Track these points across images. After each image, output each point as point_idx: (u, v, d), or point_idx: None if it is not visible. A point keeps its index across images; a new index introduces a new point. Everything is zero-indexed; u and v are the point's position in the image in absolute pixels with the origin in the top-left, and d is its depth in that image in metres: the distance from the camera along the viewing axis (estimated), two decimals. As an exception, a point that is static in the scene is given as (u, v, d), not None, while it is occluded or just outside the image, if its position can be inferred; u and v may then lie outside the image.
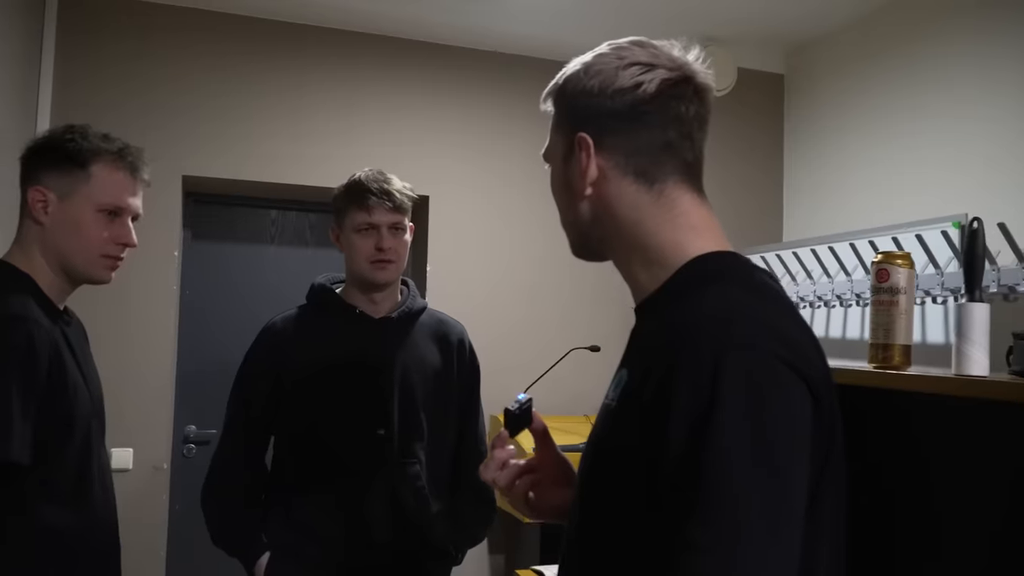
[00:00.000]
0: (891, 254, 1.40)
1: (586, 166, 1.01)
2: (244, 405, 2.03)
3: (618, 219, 1.02)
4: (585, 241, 1.08)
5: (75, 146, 1.56)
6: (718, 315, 0.88)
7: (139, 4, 3.26)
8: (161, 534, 3.24)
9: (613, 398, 0.98)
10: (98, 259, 1.58)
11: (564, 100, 1.05)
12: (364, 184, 1.99)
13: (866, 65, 3.43)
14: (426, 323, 2.11)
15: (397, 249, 2.00)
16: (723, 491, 0.79)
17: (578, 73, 1.04)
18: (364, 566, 1.96)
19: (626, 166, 1.00)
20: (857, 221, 3.32)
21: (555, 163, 1.08)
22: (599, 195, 1.02)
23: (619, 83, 1.00)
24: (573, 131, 1.02)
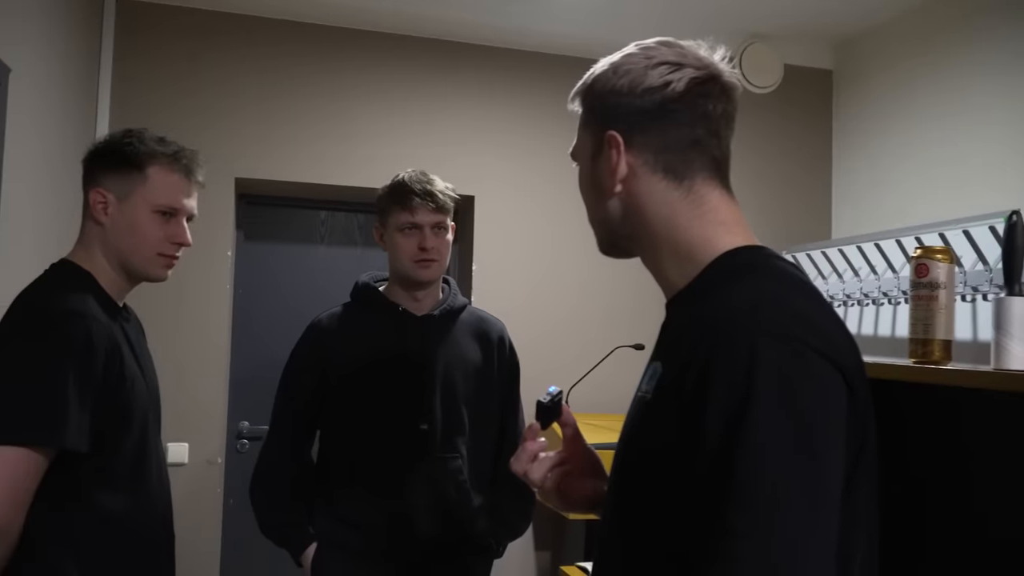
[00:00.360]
0: (930, 248, 1.39)
1: (616, 163, 1.02)
2: (290, 400, 2.09)
3: (647, 215, 1.03)
4: (613, 238, 1.09)
5: (132, 149, 1.62)
6: (750, 306, 0.89)
7: (192, 10, 3.36)
8: (215, 527, 3.33)
9: (648, 390, 0.99)
10: (154, 258, 1.64)
11: (593, 99, 1.07)
12: (407, 185, 2.03)
13: (917, 58, 3.38)
14: (467, 320, 2.15)
15: (439, 248, 2.04)
16: (760, 478, 0.80)
17: (607, 73, 1.06)
18: (407, 558, 2.00)
19: (655, 163, 1.02)
20: (907, 218, 3.28)
21: (583, 161, 1.09)
22: (628, 192, 1.03)
23: (648, 82, 1.02)
24: (602, 129, 1.04)
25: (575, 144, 1.11)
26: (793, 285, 0.96)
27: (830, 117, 3.94)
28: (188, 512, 3.13)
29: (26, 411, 1.40)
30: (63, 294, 1.53)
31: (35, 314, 1.50)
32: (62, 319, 1.47)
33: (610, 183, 1.04)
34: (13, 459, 1.37)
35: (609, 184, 1.04)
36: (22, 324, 1.48)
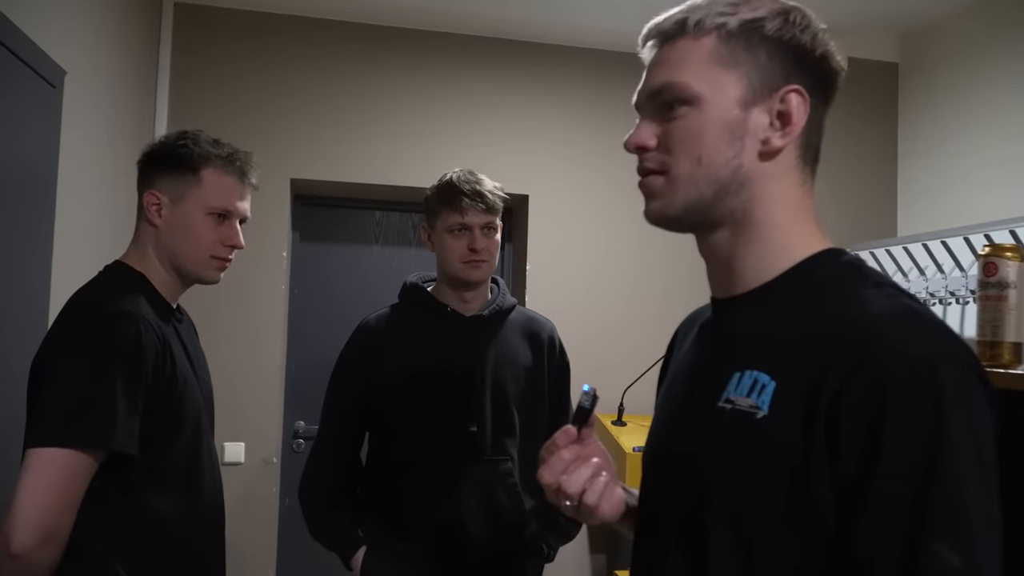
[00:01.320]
0: (1000, 246, 1.32)
1: (796, 124, 0.91)
2: (338, 402, 2.08)
3: (772, 193, 0.93)
4: (715, 205, 0.94)
5: (187, 151, 1.62)
6: (909, 321, 0.82)
7: (247, 12, 3.39)
8: (272, 526, 3.36)
9: (756, 406, 0.86)
10: (207, 260, 1.64)
11: (764, 40, 0.92)
12: (456, 186, 2.00)
13: (985, 49, 3.25)
14: (516, 321, 2.12)
15: (489, 249, 2.02)
16: (961, 505, 0.75)
17: (780, 16, 0.92)
18: (458, 563, 1.98)
19: (801, 139, 0.93)
20: (976, 216, 3.15)
21: (721, 104, 0.92)
22: (777, 160, 0.92)
23: (823, 48, 0.93)
24: (782, 79, 0.91)
25: (690, 77, 0.93)
26: (915, 298, 0.88)
27: (895, 111, 3.81)
28: (245, 511, 3.17)
29: (76, 413, 1.40)
30: (115, 296, 1.53)
31: (86, 316, 1.51)
32: (112, 321, 1.47)
33: (776, 141, 0.91)
34: (63, 461, 1.37)
35: (774, 142, 0.91)
36: (73, 326, 1.50)
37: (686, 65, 0.92)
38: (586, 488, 1.04)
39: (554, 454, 1.05)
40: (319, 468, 2.09)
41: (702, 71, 0.92)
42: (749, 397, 0.87)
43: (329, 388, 2.11)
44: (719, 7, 0.93)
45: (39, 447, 1.37)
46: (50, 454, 1.37)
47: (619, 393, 3.22)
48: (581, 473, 1.04)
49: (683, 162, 0.93)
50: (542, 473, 1.05)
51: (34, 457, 1.37)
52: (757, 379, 0.87)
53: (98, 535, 1.46)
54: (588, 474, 1.04)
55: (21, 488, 1.36)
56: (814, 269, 0.92)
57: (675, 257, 3.43)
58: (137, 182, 1.67)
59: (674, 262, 3.45)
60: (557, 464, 1.04)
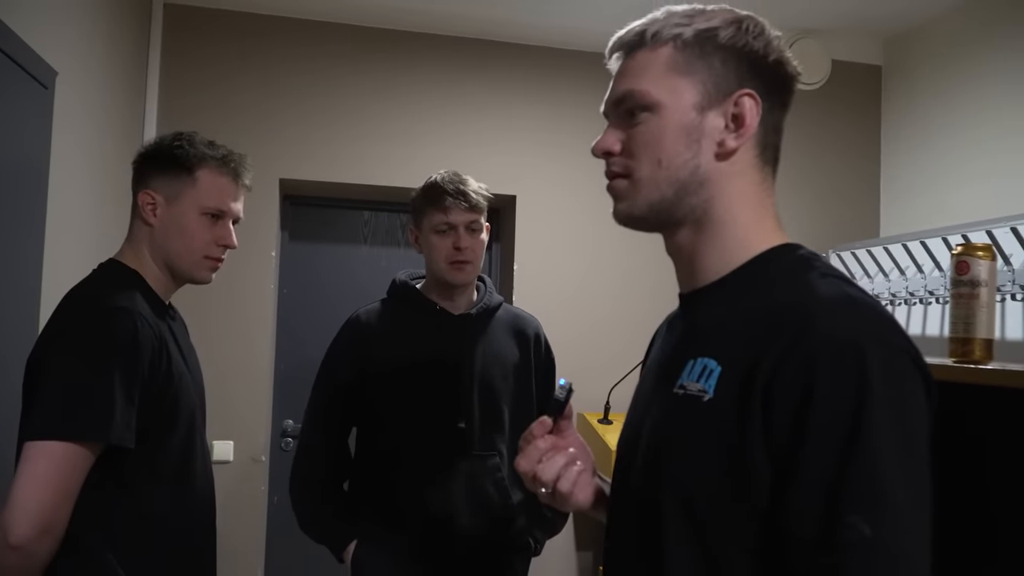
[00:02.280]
0: (972, 245, 1.36)
1: (749, 127, 0.96)
2: (327, 396, 2.10)
3: (731, 192, 0.98)
4: (675, 205, 0.99)
5: (182, 152, 1.64)
6: (844, 306, 0.86)
7: (237, 13, 3.41)
8: (261, 523, 3.37)
9: (703, 389, 0.91)
10: (201, 260, 1.67)
11: (719, 48, 0.97)
12: (441, 186, 2.05)
13: (969, 53, 3.30)
14: (503, 319, 2.16)
15: (474, 248, 2.05)
16: (879, 479, 0.78)
17: (733, 25, 0.98)
18: (447, 556, 2.01)
19: (759, 140, 0.98)
20: (958, 217, 3.20)
21: (678, 109, 0.97)
22: (733, 160, 0.97)
23: (776, 54, 0.97)
24: (735, 84, 0.96)
25: (649, 85, 0.98)
26: (859, 288, 0.93)
27: (879, 114, 3.86)
28: (233, 509, 3.18)
29: (73, 406, 1.42)
30: (111, 292, 1.55)
31: (83, 311, 1.53)
32: (109, 316, 1.49)
33: (730, 143, 0.96)
34: (60, 453, 1.39)
35: (728, 144, 0.96)
36: (70, 321, 1.52)
37: (646, 74, 0.98)
38: (560, 476, 1.10)
39: (531, 443, 1.12)
40: (308, 462, 2.11)
41: (660, 79, 0.97)
42: (698, 382, 0.92)
43: (317, 380, 2.13)
44: (676, 19, 0.99)
45: (37, 440, 1.39)
46: (48, 447, 1.39)
47: (605, 392, 3.25)
48: (556, 461, 1.11)
49: (645, 165, 0.98)
50: (519, 461, 1.13)
51: (32, 450, 1.39)
52: (706, 365, 0.92)
53: (92, 527, 1.48)
54: (562, 462, 1.11)
55: (19, 481, 1.37)
56: (768, 263, 0.96)
57: (662, 257, 3.43)
58: (132, 182, 1.69)
59: (661, 262, 3.42)
60: (533, 453, 1.12)
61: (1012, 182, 3.03)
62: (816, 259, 0.96)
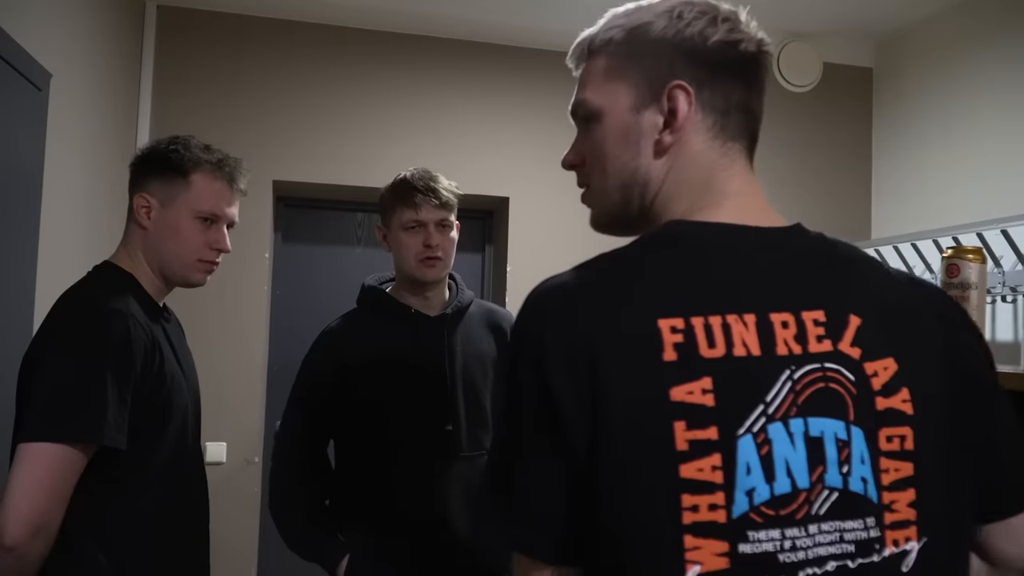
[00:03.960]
0: (962, 249, 1.38)
1: (684, 117, 0.92)
2: (303, 412, 2.05)
3: (674, 186, 0.95)
4: (627, 207, 0.98)
5: (177, 156, 1.65)
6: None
7: (230, 15, 3.42)
8: (253, 524, 3.38)
9: None
10: (194, 263, 1.67)
11: (650, 43, 0.95)
12: (411, 182, 2.02)
13: (959, 55, 3.33)
14: (477, 314, 2.13)
15: (444, 246, 2.01)
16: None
17: (666, 16, 0.95)
18: (442, 563, 1.98)
19: (711, 125, 0.94)
20: (949, 218, 3.22)
21: (616, 114, 0.97)
22: (677, 153, 0.94)
23: (719, 36, 0.93)
24: (665, 78, 0.93)
25: (590, 94, 1.00)
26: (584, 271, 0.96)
27: (870, 116, 3.88)
28: (225, 509, 3.18)
29: (66, 408, 1.43)
30: (104, 294, 1.56)
31: (76, 313, 1.53)
32: (101, 318, 1.50)
33: (666, 139, 0.94)
34: (53, 455, 1.40)
35: (664, 140, 0.94)
36: (63, 323, 1.52)
37: (589, 84, 1.00)
38: None
39: None
40: (289, 480, 2.05)
41: (600, 86, 0.98)
42: None
43: (291, 398, 2.07)
44: (613, 21, 0.99)
45: (30, 442, 1.40)
46: (41, 448, 1.39)
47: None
48: None
49: (595, 174, 1.00)
50: None
51: (25, 452, 1.39)
52: None
53: (84, 527, 1.48)
54: None
55: (12, 482, 1.38)
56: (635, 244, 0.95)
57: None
58: (128, 185, 1.70)
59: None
60: None
61: (1002, 184, 3.05)
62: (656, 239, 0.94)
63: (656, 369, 0.81)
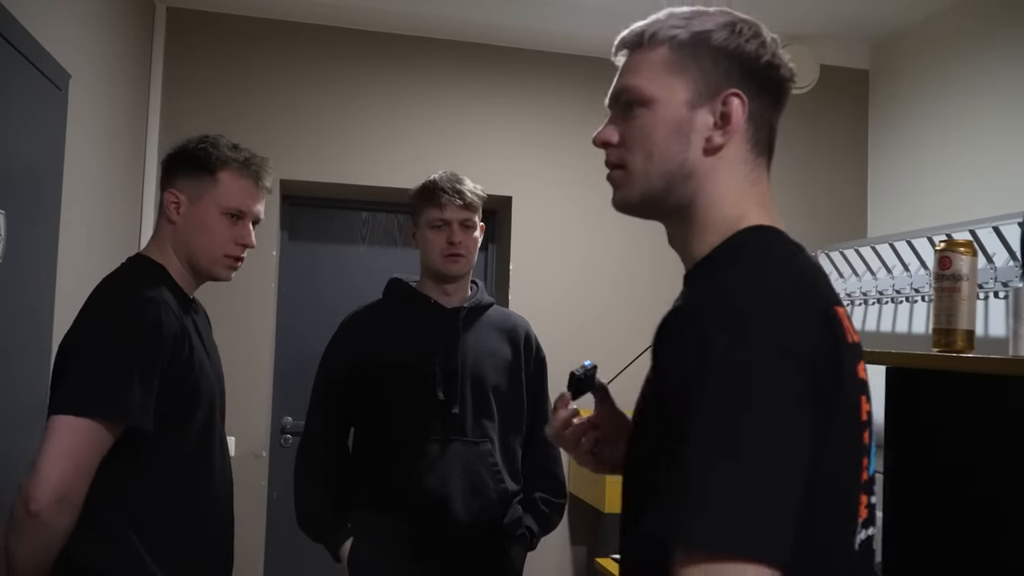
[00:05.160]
0: (954, 242, 1.44)
1: (736, 124, 1.02)
2: (327, 391, 2.18)
3: (719, 182, 1.03)
4: (666, 195, 1.05)
5: (206, 154, 1.73)
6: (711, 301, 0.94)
7: (238, 17, 3.48)
8: (260, 518, 3.43)
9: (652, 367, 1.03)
10: (221, 258, 1.75)
11: (711, 50, 1.03)
12: (438, 184, 2.15)
13: (953, 57, 3.38)
14: (494, 317, 2.25)
15: (467, 244, 2.14)
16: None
17: (726, 29, 1.04)
18: (444, 546, 2.06)
19: (751, 135, 1.04)
20: (944, 217, 3.28)
21: (669, 106, 1.03)
22: (723, 155, 1.03)
23: (767, 56, 1.03)
24: (723, 84, 1.02)
25: (644, 82, 1.05)
26: (783, 270, 0.97)
27: (866, 117, 3.94)
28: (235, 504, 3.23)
29: (98, 387, 1.50)
30: (137, 283, 1.65)
31: (110, 300, 1.62)
32: (132, 305, 1.58)
33: (716, 139, 1.02)
34: (82, 429, 1.47)
35: (715, 140, 1.02)
36: (99, 309, 1.61)
37: (642, 71, 1.06)
38: (582, 440, 1.29)
39: (554, 414, 1.30)
40: (310, 456, 2.18)
41: (655, 77, 1.04)
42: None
43: (316, 379, 2.21)
44: (674, 20, 1.06)
45: (61, 415, 1.47)
46: (71, 422, 1.47)
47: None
48: (576, 429, 1.29)
49: (638, 157, 1.05)
50: (546, 429, 1.31)
51: (57, 423, 1.47)
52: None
53: (113, 506, 1.55)
54: (581, 430, 1.29)
55: (43, 452, 1.45)
56: (734, 247, 1.01)
57: (656, 258, 3.54)
58: (159, 181, 1.79)
59: (655, 262, 3.55)
60: (555, 422, 1.30)
61: (995, 182, 3.11)
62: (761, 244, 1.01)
63: (849, 349, 0.94)
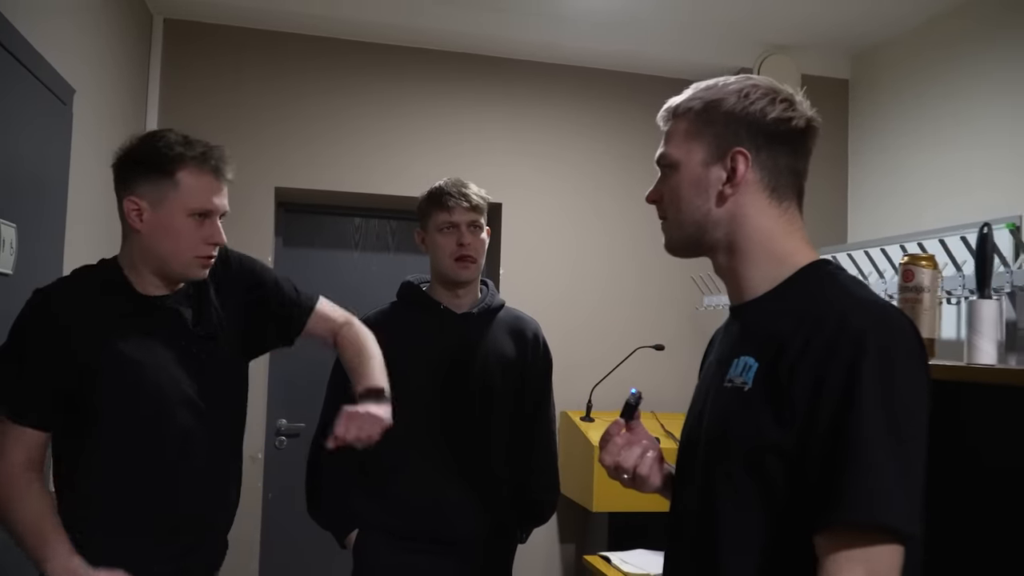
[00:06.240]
0: (916, 256, 1.53)
1: (741, 175, 1.17)
2: (341, 389, 2.20)
3: (750, 225, 1.19)
4: (701, 240, 1.23)
5: (160, 155, 1.63)
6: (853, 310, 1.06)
7: (234, 28, 3.56)
8: (256, 519, 3.49)
9: (745, 382, 1.13)
10: (192, 260, 1.67)
11: (721, 115, 1.20)
12: (444, 188, 2.22)
13: (932, 68, 3.49)
14: (504, 319, 2.31)
15: (475, 245, 2.21)
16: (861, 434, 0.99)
17: (737, 95, 1.19)
18: (444, 540, 2.15)
19: (766, 182, 1.18)
20: (921, 224, 3.37)
21: (690, 167, 1.22)
22: (737, 203, 1.19)
23: (776, 113, 1.18)
24: (730, 144, 1.18)
25: (671, 149, 1.24)
26: (874, 293, 1.15)
27: (846, 125, 4.05)
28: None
29: None
30: (57, 281, 1.71)
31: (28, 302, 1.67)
32: (30, 300, 1.64)
33: (726, 192, 1.19)
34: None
35: (725, 192, 1.19)
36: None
37: (671, 140, 1.25)
38: (638, 463, 1.34)
39: (609, 440, 1.36)
40: (320, 452, 2.22)
41: (680, 143, 1.23)
42: (741, 376, 1.14)
43: (331, 377, 2.26)
44: (697, 92, 1.24)
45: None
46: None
47: (587, 391, 3.41)
48: (633, 451, 1.34)
49: (671, 210, 1.25)
50: (602, 456, 1.36)
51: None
52: (747, 362, 1.14)
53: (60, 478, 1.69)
54: (638, 452, 1.35)
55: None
56: (803, 278, 1.17)
57: (642, 265, 3.64)
58: (115, 186, 1.68)
59: (641, 269, 3.66)
60: (612, 448, 1.35)
61: (969, 189, 3.21)
62: (842, 273, 1.17)
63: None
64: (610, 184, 3.82)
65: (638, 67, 3.82)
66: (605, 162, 3.84)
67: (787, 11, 3.48)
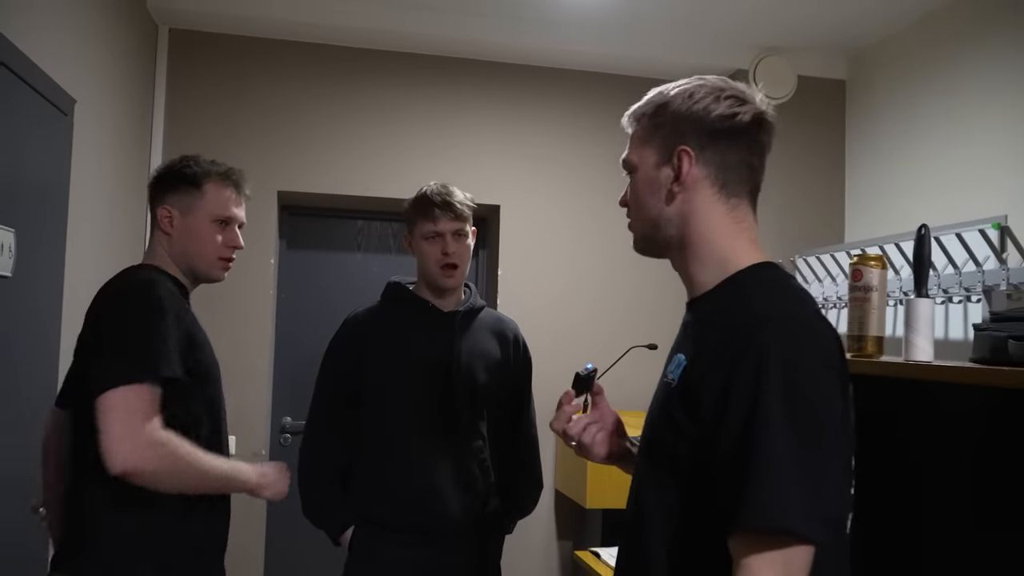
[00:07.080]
0: (865, 256, 1.58)
1: (686, 173, 1.20)
2: (329, 386, 2.32)
3: (697, 222, 1.21)
4: (657, 238, 1.26)
5: (191, 171, 1.92)
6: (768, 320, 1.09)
7: (238, 37, 3.65)
8: (260, 515, 3.59)
9: (673, 378, 1.18)
10: (215, 260, 1.94)
11: (668, 116, 1.23)
12: (429, 197, 2.27)
13: (928, 68, 3.51)
14: (486, 320, 2.39)
15: (460, 253, 2.27)
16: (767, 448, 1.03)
17: (681, 96, 1.23)
18: (435, 532, 2.21)
19: (714, 179, 1.21)
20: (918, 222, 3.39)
21: (644, 169, 1.26)
22: (686, 200, 1.21)
23: (720, 110, 1.20)
24: (676, 143, 1.21)
25: (630, 155, 1.29)
26: (800, 300, 1.17)
27: (843, 126, 4.07)
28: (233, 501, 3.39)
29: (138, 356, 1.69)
30: (139, 272, 1.83)
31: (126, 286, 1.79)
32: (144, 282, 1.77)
33: (674, 190, 1.22)
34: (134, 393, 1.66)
35: (673, 190, 1.22)
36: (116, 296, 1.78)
37: (630, 145, 1.30)
38: (581, 433, 1.45)
39: (560, 408, 1.47)
40: (314, 449, 2.31)
41: (636, 147, 1.28)
42: (672, 372, 1.20)
43: (319, 376, 2.34)
44: (649, 97, 1.28)
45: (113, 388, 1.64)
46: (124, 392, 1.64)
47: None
48: (579, 422, 1.46)
49: (632, 212, 1.30)
50: (552, 422, 1.47)
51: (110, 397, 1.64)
52: (679, 359, 1.20)
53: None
54: (584, 423, 1.46)
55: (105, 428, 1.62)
56: (736, 281, 1.19)
57: (638, 265, 3.67)
58: (148, 200, 1.97)
59: (637, 270, 3.71)
60: (562, 416, 1.47)
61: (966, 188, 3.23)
62: (777, 278, 1.20)
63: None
64: (605, 186, 3.84)
65: (633, 70, 3.87)
66: (600, 164, 3.88)
67: (783, 12, 3.52)
